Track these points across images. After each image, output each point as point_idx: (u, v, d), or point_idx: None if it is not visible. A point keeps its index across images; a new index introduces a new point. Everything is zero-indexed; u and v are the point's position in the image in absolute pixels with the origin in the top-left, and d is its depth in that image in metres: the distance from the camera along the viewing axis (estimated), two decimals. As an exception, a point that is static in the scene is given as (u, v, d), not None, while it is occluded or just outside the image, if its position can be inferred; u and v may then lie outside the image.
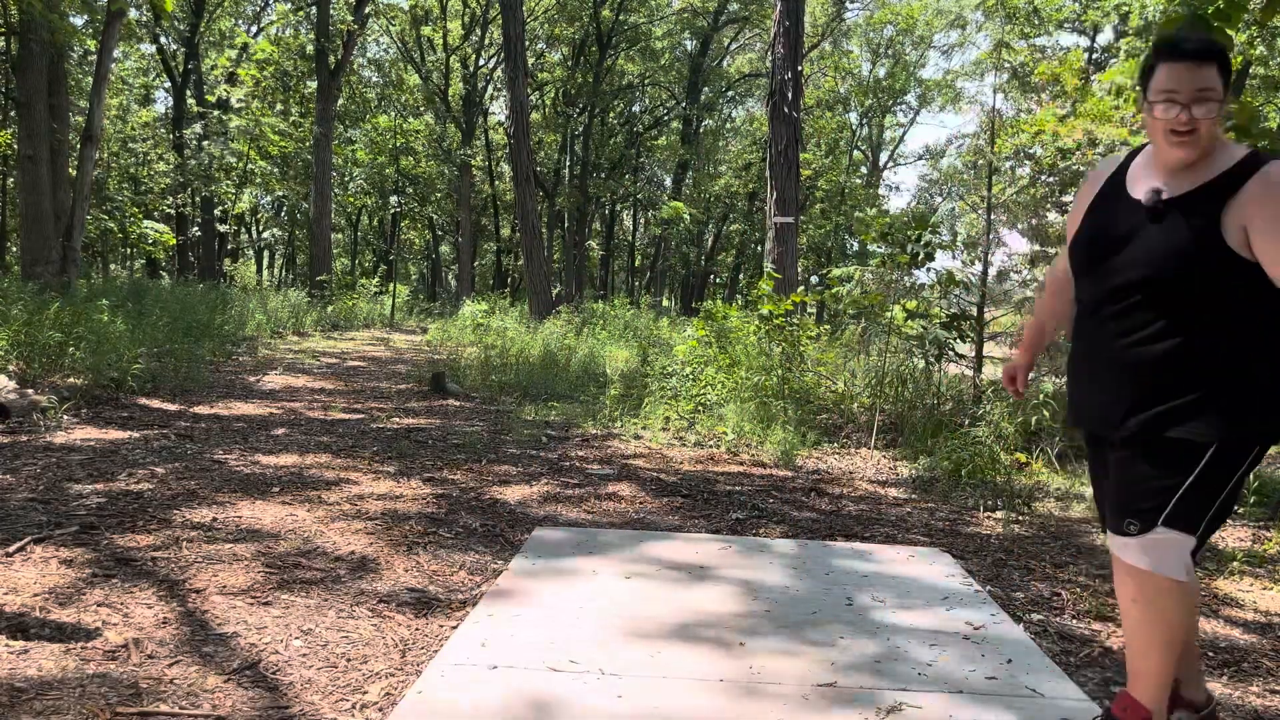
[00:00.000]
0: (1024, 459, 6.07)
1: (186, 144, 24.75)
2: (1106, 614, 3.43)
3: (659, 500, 4.95)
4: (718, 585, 3.49)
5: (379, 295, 22.99)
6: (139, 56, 29.40)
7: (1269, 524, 5.06)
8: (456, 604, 3.25)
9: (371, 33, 31.17)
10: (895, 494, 5.49)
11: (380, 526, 4.15)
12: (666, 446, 6.60)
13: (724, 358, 8.10)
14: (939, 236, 7.34)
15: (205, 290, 16.01)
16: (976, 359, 8.03)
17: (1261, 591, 3.84)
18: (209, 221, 27.53)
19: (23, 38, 12.52)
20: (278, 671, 2.63)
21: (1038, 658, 2.90)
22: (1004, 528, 4.68)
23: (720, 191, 37.01)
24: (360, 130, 30.39)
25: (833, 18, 34.56)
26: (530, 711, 2.40)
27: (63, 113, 13.78)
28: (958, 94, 40.92)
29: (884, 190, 43.36)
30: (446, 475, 5.31)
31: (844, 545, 4.21)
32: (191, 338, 10.46)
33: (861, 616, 3.22)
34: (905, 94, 40.87)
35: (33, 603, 3.01)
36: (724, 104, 37.82)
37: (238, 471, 5.10)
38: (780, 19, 10.40)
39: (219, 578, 3.34)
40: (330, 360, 12.00)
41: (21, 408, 6.07)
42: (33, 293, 10.49)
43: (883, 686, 2.63)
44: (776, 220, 10.20)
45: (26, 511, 4.02)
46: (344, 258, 37.12)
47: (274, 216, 35.98)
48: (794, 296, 8.78)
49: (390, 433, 6.65)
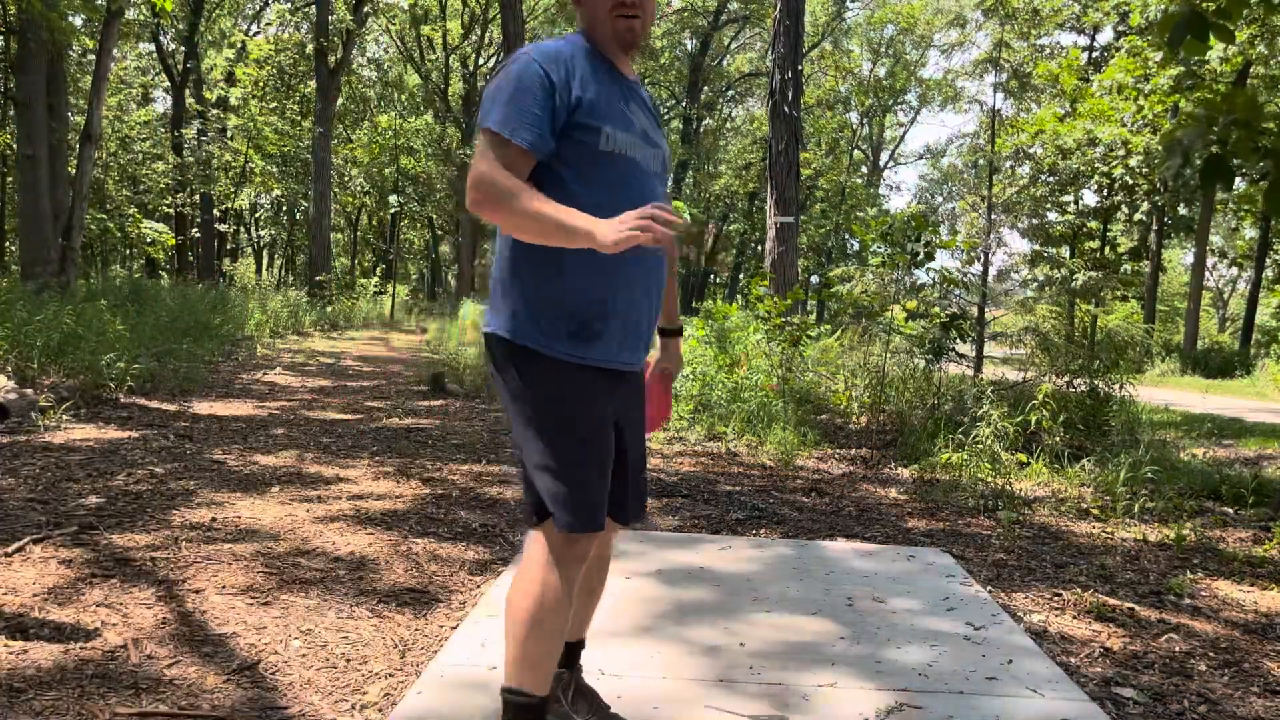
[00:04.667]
0: (1024, 459, 6.07)
1: (186, 144, 24.74)
2: (1106, 614, 3.43)
3: (659, 500, 4.95)
4: (718, 585, 3.49)
5: (378, 295, 23.00)
6: (138, 56, 29.39)
7: (1269, 524, 5.06)
8: (456, 604, 3.24)
9: (371, 32, 31.17)
10: (895, 494, 5.49)
11: (380, 526, 4.14)
12: (666, 446, 6.60)
13: (724, 358, 8.10)
14: (939, 236, 7.33)
15: (204, 290, 16.01)
16: (976, 359, 8.02)
17: (1261, 592, 3.83)
18: (208, 221, 27.53)
19: (22, 37, 12.50)
20: (277, 671, 2.62)
21: (1038, 658, 2.90)
22: (1004, 528, 4.68)
23: (720, 191, 37.03)
24: (360, 130, 30.40)
25: (833, 17, 34.57)
26: (530, 712, 2.40)
27: (62, 112, 13.76)
28: (958, 93, 40.96)
29: (884, 190, 43.43)
30: (446, 475, 5.31)
31: (844, 545, 4.21)
32: (190, 338, 10.45)
33: (862, 617, 3.21)
34: (905, 93, 40.93)
35: (32, 603, 3.00)
36: (724, 103, 37.83)
37: (237, 471, 5.09)
38: (780, 18, 10.39)
39: (218, 578, 3.33)
40: (329, 360, 12.00)
41: (21, 408, 6.06)
42: (31, 293, 10.48)
43: (883, 686, 2.63)
44: (776, 220, 10.20)
45: (25, 511, 4.02)
46: (343, 258, 37.13)
47: (273, 216, 35.97)
48: (791, 295, 8.78)
49: (390, 433, 6.64)
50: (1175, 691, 2.77)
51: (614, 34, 1.96)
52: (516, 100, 1.84)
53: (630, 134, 1.95)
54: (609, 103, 1.93)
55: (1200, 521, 5.06)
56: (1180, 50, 3.80)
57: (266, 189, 29.55)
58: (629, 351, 2.01)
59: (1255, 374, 20.37)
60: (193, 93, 26.75)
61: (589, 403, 1.95)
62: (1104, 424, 6.89)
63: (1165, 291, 37.00)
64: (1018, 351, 14.29)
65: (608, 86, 1.94)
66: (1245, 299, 29.73)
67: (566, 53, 1.92)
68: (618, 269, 1.93)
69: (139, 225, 23.11)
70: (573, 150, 1.89)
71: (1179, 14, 3.82)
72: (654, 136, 2.05)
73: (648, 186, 1.98)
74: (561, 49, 1.92)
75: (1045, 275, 27.57)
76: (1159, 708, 2.65)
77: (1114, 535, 4.70)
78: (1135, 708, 2.65)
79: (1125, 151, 22.12)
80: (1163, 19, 3.93)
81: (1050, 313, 26.42)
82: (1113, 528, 4.86)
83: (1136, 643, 3.16)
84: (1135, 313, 26.68)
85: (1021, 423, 6.26)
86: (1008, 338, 26.21)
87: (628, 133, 1.95)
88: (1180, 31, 3.80)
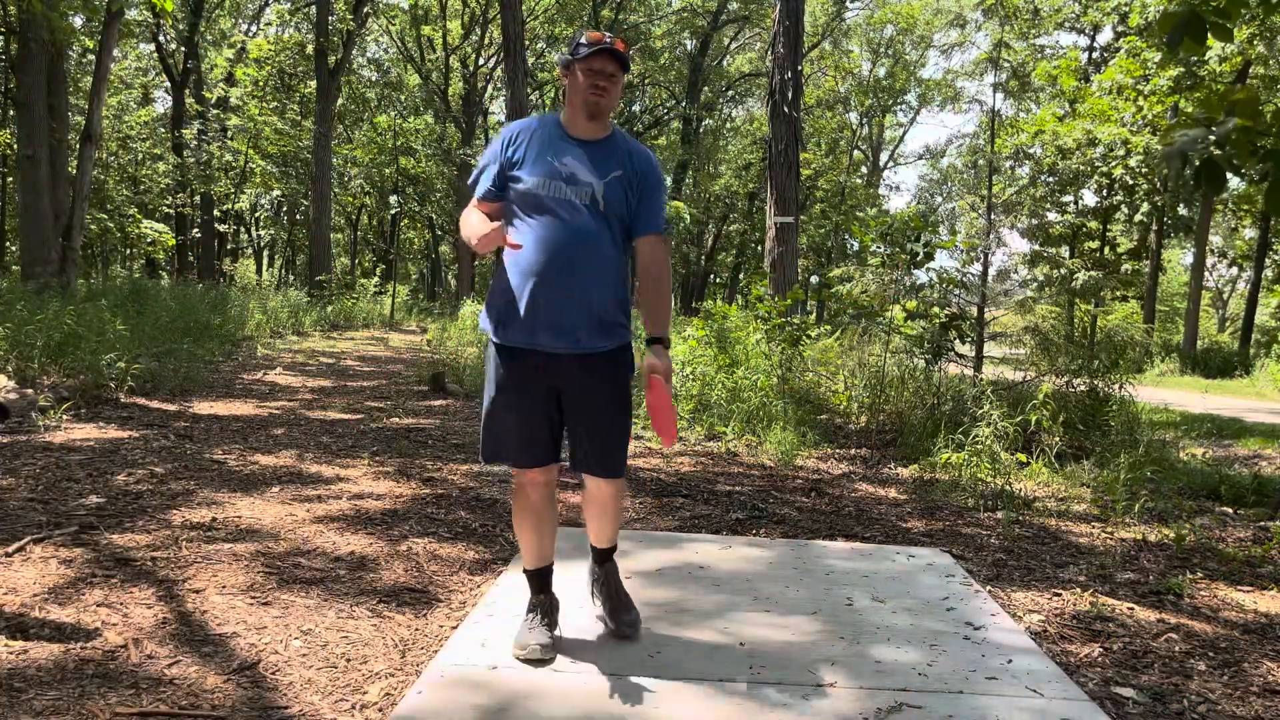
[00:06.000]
0: (1024, 459, 6.07)
1: (186, 144, 24.73)
2: (1106, 614, 3.43)
3: (659, 500, 4.95)
4: (717, 585, 3.49)
5: (378, 295, 22.98)
6: (138, 56, 29.40)
7: (1269, 523, 5.06)
8: (456, 604, 3.25)
9: (371, 32, 31.17)
10: (895, 494, 5.49)
11: (380, 526, 4.14)
12: (666, 446, 6.60)
13: (724, 358, 8.10)
14: (939, 236, 7.33)
15: (204, 290, 16.00)
16: (976, 359, 8.02)
17: (1261, 592, 3.83)
18: (208, 221, 27.53)
19: (22, 37, 12.51)
20: (277, 671, 2.62)
21: (1038, 658, 2.90)
22: (1004, 528, 4.68)
23: (720, 191, 37.02)
24: (360, 130, 30.39)
25: (833, 17, 34.55)
26: (530, 712, 2.40)
27: (62, 112, 13.77)
28: (957, 94, 40.96)
29: (884, 190, 43.42)
30: (446, 475, 5.31)
31: (844, 545, 4.21)
32: (191, 338, 10.45)
33: (862, 617, 3.22)
34: (905, 94, 40.90)
35: (32, 603, 3.01)
36: (724, 104, 37.81)
37: (237, 471, 5.09)
38: (780, 18, 10.40)
39: (218, 578, 3.33)
40: (329, 360, 12.00)
41: (21, 408, 6.06)
42: (32, 293, 10.49)
43: (883, 686, 2.63)
44: (776, 220, 10.20)
45: (26, 511, 4.02)
46: (344, 258, 37.12)
47: (273, 216, 35.96)
48: (791, 295, 8.78)
49: (390, 432, 6.65)
50: (1175, 691, 2.77)
51: (584, 104, 2.67)
52: (482, 164, 2.78)
53: (548, 177, 2.66)
54: (540, 157, 2.68)
55: (1200, 521, 5.06)
56: (1178, 50, 3.80)
57: (266, 189, 29.55)
58: (548, 336, 2.65)
59: (1255, 374, 20.37)
60: (193, 93, 26.75)
61: (506, 371, 2.73)
62: (1104, 424, 6.90)
63: (1165, 291, 36.99)
64: (1017, 351, 14.29)
65: (547, 145, 2.69)
66: (1245, 299, 29.72)
67: (525, 124, 2.76)
68: (523, 267, 2.64)
69: (139, 225, 23.11)
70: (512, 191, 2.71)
71: (1178, 13, 3.83)
72: (583, 177, 2.67)
73: (549, 213, 2.65)
74: (523, 123, 2.78)
75: (1045, 275, 27.58)
76: (1159, 708, 2.65)
77: (1114, 535, 4.70)
78: (1135, 708, 2.65)
79: (1125, 151, 22.11)
80: (1161, 17, 3.93)
81: (1050, 313, 26.44)
82: (1112, 528, 4.86)
83: (1136, 643, 3.16)
84: (1135, 313, 26.68)
85: (1021, 423, 6.26)
86: (1008, 338, 26.22)
87: (544, 176, 2.66)
88: (1178, 32, 3.80)
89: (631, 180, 2.72)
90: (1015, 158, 26.35)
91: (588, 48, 2.64)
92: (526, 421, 2.74)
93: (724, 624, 3.08)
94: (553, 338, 2.65)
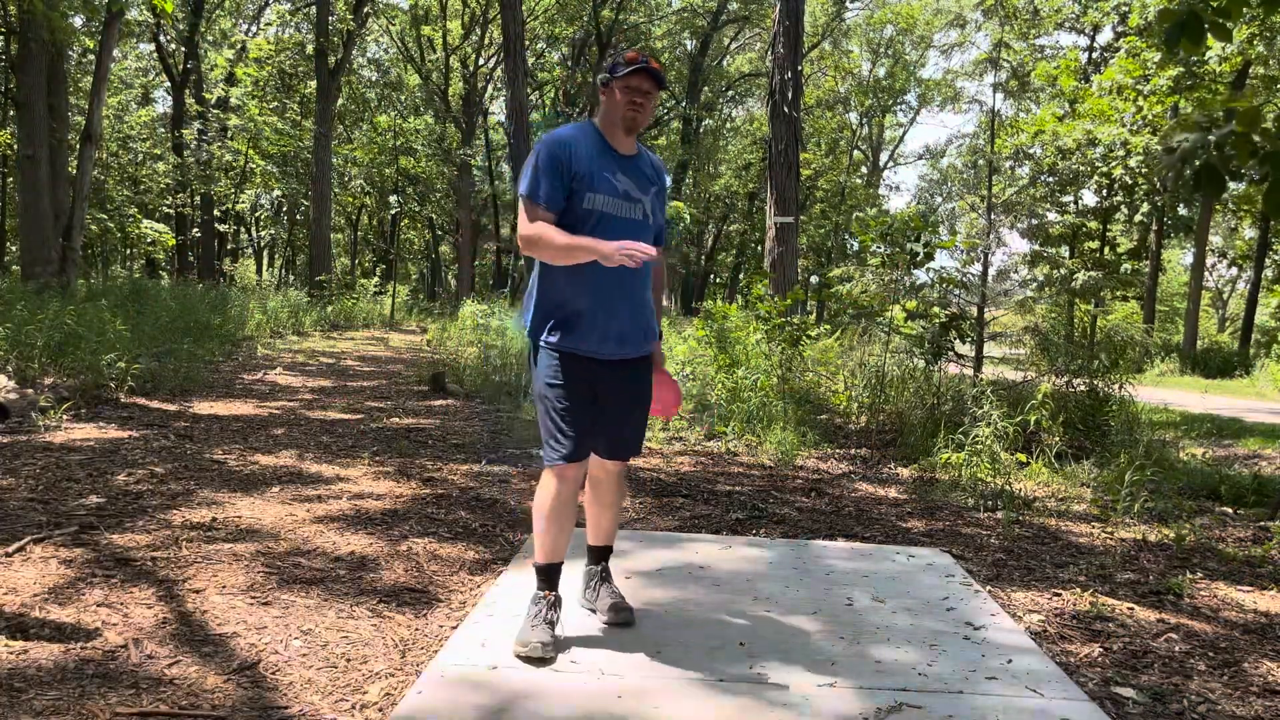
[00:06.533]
0: (1024, 459, 6.07)
1: (186, 144, 24.73)
2: (1106, 614, 3.43)
3: (659, 500, 4.95)
4: (717, 585, 3.49)
5: (378, 295, 22.98)
6: (138, 56, 29.40)
7: (1269, 523, 5.06)
8: (456, 604, 3.25)
9: (371, 32, 31.16)
10: (895, 494, 5.49)
11: (380, 526, 4.14)
12: (666, 446, 6.60)
13: (724, 358, 8.10)
14: (938, 236, 7.32)
15: (205, 290, 16.00)
16: (976, 359, 8.02)
17: (1261, 592, 3.84)
18: (208, 221, 27.51)
19: (22, 37, 12.51)
20: (277, 671, 2.62)
21: (1038, 658, 2.90)
22: (1004, 528, 4.68)
23: (720, 191, 37.04)
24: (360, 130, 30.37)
25: (833, 17, 34.55)
26: (530, 712, 2.40)
27: (62, 112, 13.78)
28: (957, 94, 40.95)
29: (884, 190, 43.42)
30: (446, 475, 5.31)
31: (844, 545, 4.21)
32: (191, 338, 10.45)
33: (862, 617, 3.22)
34: (905, 94, 40.90)
35: (32, 603, 3.01)
36: (724, 104, 37.81)
37: (237, 471, 5.10)
38: (780, 18, 10.39)
39: (218, 578, 3.33)
40: (329, 360, 12.00)
41: (21, 407, 6.06)
42: (32, 293, 10.49)
43: (883, 686, 2.63)
44: (776, 220, 10.20)
45: (26, 511, 4.02)
46: (344, 258, 37.12)
47: (273, 216, 35.95)
48: (791, 295, 8.78)
49: (389, 433, 6.65)
50: (1175, 691, 2.77)
51: (622, 119, 2.81)
52: (541, 174, 2.75)
53: (612, 196, 2.79)
54: (599, 173, 2.78)
55: (1200, 521, 5.07)
56: (1176, 50, 3.80)
57: (266, 189, 29.53)
58: (615, 344, 2.84)
59: (1255, 374, 20.37)
60: (193, 93, 26.74)
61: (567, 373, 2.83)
62: (1103, 424, 6.90)
63: (1165, 291, 36.98)
64: (1017, 351, 14.29)
65: (598, 160, 2.80)
66: (1245, 299, 29.72)
67: (571, 137, 2.81)
68: (593, 283, 2.76)
69: (139, 225, 23.11)
70: (570, 206, 2.77)
71: (1177, 11, 3.82)
72: (635, 194, 2.85)
73: (619, 230, 2.78)
74: (569, 135, 2.82)
75: (1045, 275, 27.56)
76: (1159, 708, 2.65)
77: (1114, 535, 4.70)
78: (1135, 707, 2.65)
79: (1125, 152, 22.10)
80: (1160, 14, 3.93)
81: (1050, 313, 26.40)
82: (1112, 528, 4.86)
83: (1136, 643, 3.16)
84: (1135, 313, 26.66)
85: (1021, 423, 6.26)
86: (1007, 338, 26.20)
87: (609, 195, 2.79)
88: (1175, 32, 3.80)
89: (660, 192, 2.95)
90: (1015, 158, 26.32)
91: (626, 67, 2.78)
92: (586, 418, 2.87)
93: (724, 624, 3.08)
94: (618, 346, 2.86)
